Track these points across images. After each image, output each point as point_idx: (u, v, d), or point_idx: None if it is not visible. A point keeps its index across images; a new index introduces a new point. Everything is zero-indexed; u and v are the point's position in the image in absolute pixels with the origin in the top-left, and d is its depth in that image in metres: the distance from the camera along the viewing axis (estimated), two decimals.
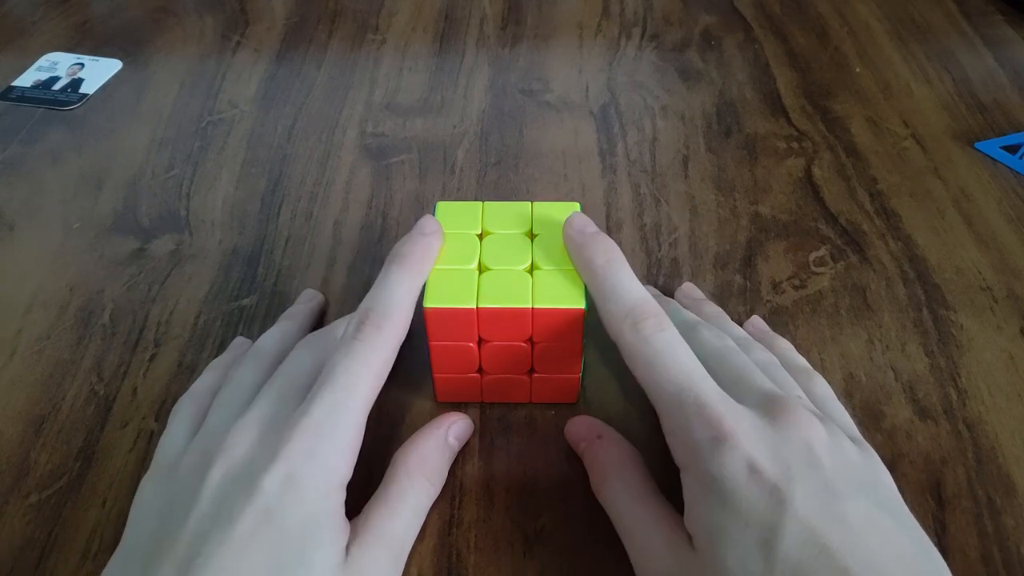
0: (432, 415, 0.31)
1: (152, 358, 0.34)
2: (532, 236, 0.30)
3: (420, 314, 0.28)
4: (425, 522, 0.28)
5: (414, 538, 0.27)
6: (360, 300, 0.36)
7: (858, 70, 0.50)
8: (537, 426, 0.31)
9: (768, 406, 0.24)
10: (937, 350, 0.34)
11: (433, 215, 0.31)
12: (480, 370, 0.30)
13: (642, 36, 0.54)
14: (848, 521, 0.22)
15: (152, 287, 0.37)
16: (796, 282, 0.37)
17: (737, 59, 0.51)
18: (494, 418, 0.32)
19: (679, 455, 0.25)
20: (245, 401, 0.27)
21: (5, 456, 0.31)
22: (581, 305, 0.27)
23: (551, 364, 0.30)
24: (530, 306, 0.27)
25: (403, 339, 0.27)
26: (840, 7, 0.56)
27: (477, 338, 0.29)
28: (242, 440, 0.25)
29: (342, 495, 0.25)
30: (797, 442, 0.23)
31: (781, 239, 0.39)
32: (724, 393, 0.25)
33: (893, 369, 0.33)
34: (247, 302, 0.36)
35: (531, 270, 0.29)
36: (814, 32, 0.54)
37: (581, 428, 0.30)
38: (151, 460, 0.30)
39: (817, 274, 0.37)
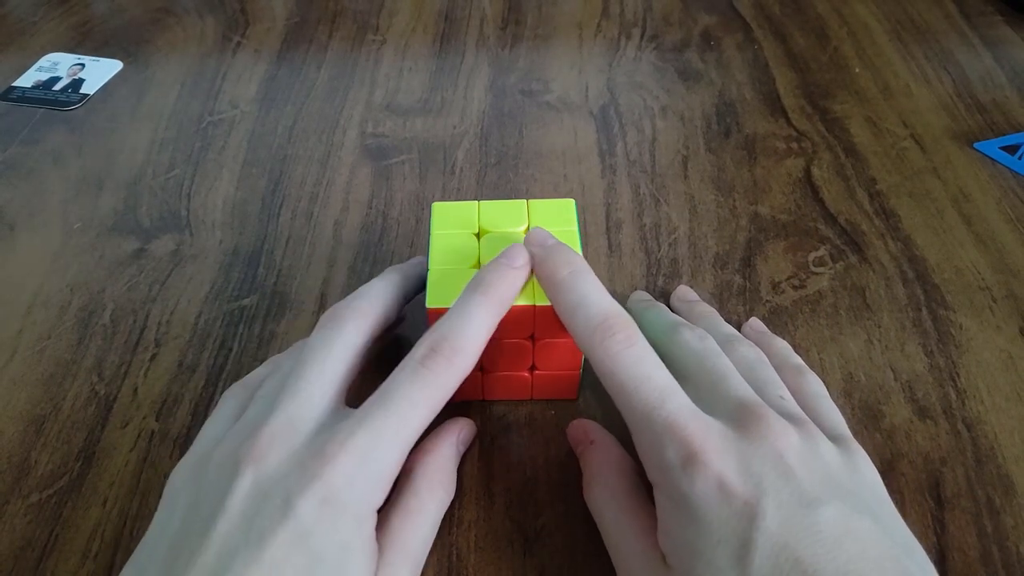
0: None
1: (153, 358, 0.34)
2: None
3: (421, 313, 0.28)
4: None
5: (431, 544, 0.27)
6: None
7: (857, 70, 0.50)
8: (537, 426, 0.31)
9: (740, 416, 0.24)
10: (936, 350, 0.34)
11: (430, 215, 0.31)
12: (481, 368, 0.30)
13: (642, 37, 0.54)
14: (821, 531, 0.21)
15: (153, 287, 0.37)
16: (795, 282, 0.37)
17: (736, 59, 0.51)
18: (494, 417, 0.32)
19: (651, 473, 0.24)
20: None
21: (6, 456, 0.31)
22: None
23: (552, 361, 0.30)
24: (532, 303, 0.27)
25: (468, 371, 0.25)
26: (839, 7, 0.56)
27: None
28: (275, 448, 0.23)
29: (375, 520, 0.24)
30: (768, 453, 0.23)
31: (780, 239, 0.39)
32: (695, 408, 0.24)
33: (892, 369, 0.33)
34: (247, 302, 0.36)
35: None
36: (813, 32, 0.54)
37: (578, 432, 0.30)
38: (152, 458, 0.30)
39: (816, 274, 0.37)
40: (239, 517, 0.22)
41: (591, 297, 0.26)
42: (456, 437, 0.29)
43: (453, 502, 0.29)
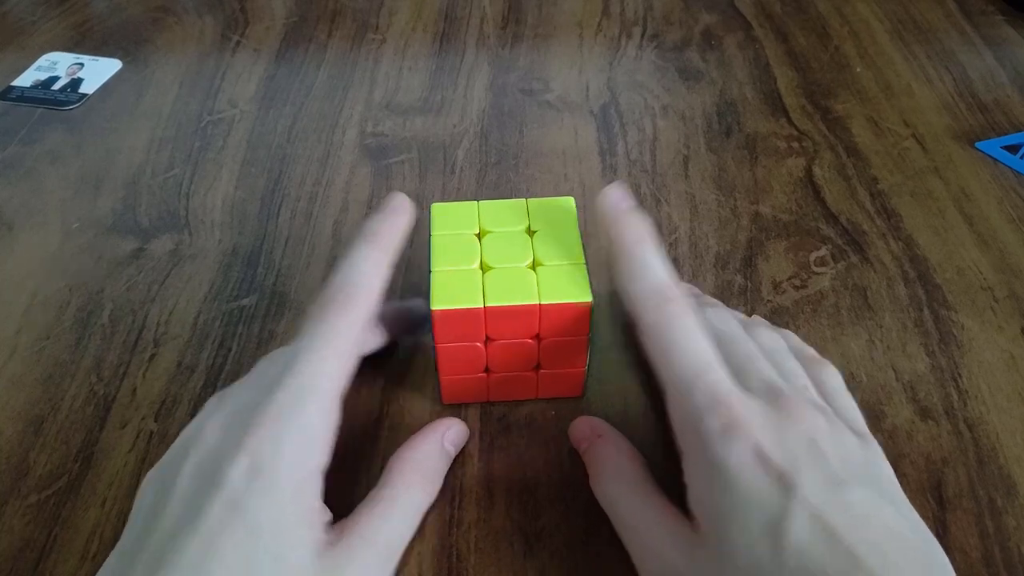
0: (433, 411, 0.31)
1: (151, 358, 0.34)
2: (531, 233, 0.30)
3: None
4: (425, 522, 0.28)
5: (406, 542, 0.27)
6: None
7: (859, 70, 0.50)
8: (537, 426, 0.31)
9: (772, 397, 0.25)
10: (938, 350, 0.34)
11: (429, 215, 0.31)
12: (487, 369, 0.30)
13: (642, 36, 0.54)
14: (853, 508, 0.22)
15: (151, 287, 0.37)
16: (797, 282, 0.37)
17: (737, 59, 0.51)
18: (494, 418, 0.32)
19: (685, 441, 0.25)
20: None
21: (4, 456, 0.30)
22: (587, 298, 0.28)
23: (557, 359, 0.30)
24: (537, 302, 0.27)
25: (371, 316, 0.27)
26: (840, 6, 0.56)
27: (484, 337, 0.29)
28: (213, 430, 0.24)
29: (316, 485, 0.24)
30: (800, 434, 0.23)
31: (782, 239, 0.39)
32: (735, 382, 0.25)
33: (894, 369, 0.33)
34: (247, 302, 0.36)
35: (534, 266, 0.29)
36: (814, 32, 0.54)
37: (584, 428, 0.30)
38: (151, 459, 0.30)
39: (818, 274, 0.37)
40: (181, 499, 0.23)
41: (652, 265, 0.27)
42: (440, 435, 0.29)
43: (453, 502, 0.29)
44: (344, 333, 0.25)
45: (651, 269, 0.27)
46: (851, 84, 0.49)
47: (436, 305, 0.27)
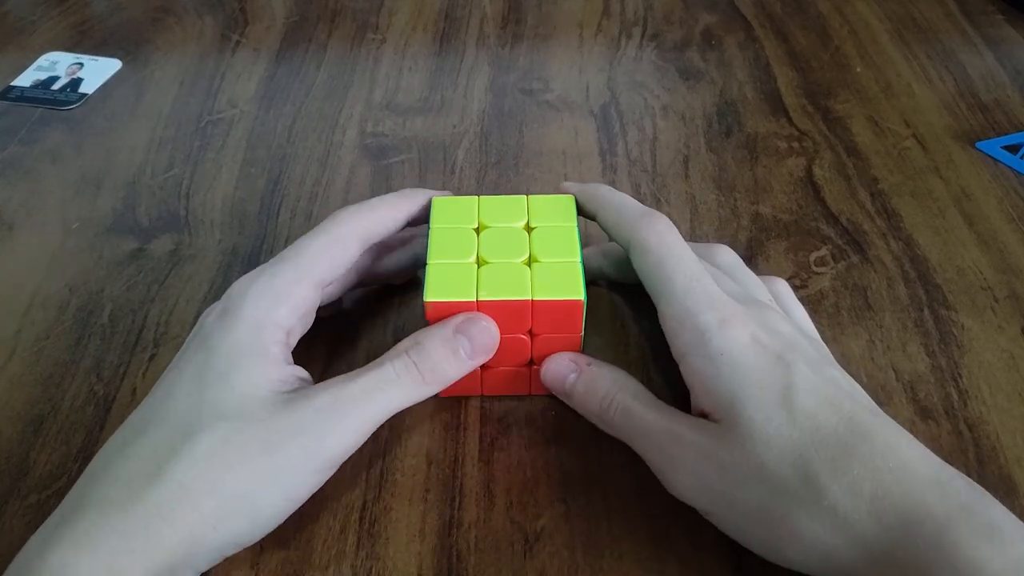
0: (433, 411, 0.31)
1: (151, 358, 0.34)
2: (529, 229, 0.31)
3: (420, 309, 0.28)
4: (425, 522, 0.28)
5: (377, 414, 0.27)
6: (356, 300, 0.36)
7: (859, 70, 0.50)
8: (537, 426, 0.31)
9: (746, 302, 0.28)
10: (938, 350, 0.34)
11: (430, 210, 0.31)
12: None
13: (642, 35, 0.54)
14: (839, 382, 0.26)
15: (151, 287, 0.37)
16: (797, 282, 0.37)
17: (738, 58, 0.51)
18: (494, 418, 0.32)
19: (684, 339, 0.27)
20: None
21: (4, 456, 0.30)
22: (580, 296, 0.28)
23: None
24: (529, 298, 0.28)
25: (370, 234, 0.30)
26: (841, 6, 0.56)
27: None
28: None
29: (277, 335, 0.27)
30: (778, 327, 0.27)
31: (782, 239, 0.39)
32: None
33: (894, 369, 0.33)
34: None
35: (529, 262, 0.29)
36: (815, 31, 0.54)
37: (565, 362, 0.30)
38: None
39: (818, 274, 0.37)
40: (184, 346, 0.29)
41: (630, 199, 0.31)
42: (452, 328, 0.28)
43: (453, 503, 0.29)
44: (336, 236, 0.29)
45: (630, 201, 0.31)
46: (851, 84, 0.49)
47: (429, 297, 0.28)
